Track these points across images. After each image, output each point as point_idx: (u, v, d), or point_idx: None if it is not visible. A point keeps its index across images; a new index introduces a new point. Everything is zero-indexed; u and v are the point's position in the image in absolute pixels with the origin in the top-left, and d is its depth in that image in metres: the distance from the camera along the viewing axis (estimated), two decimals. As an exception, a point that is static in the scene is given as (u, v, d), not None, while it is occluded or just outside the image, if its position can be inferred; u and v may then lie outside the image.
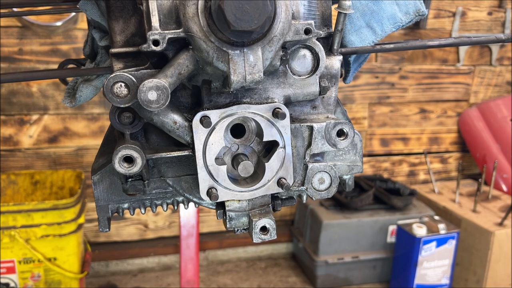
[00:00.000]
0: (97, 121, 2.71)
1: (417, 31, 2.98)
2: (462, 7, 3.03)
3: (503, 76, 3.28)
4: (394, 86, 3.11)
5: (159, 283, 2.91)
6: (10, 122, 2.59)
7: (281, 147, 0.69)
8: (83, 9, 0.70)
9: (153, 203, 0.77)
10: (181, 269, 2.04)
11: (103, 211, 0.74)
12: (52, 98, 2.60)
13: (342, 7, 0.67)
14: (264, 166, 0.69)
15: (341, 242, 2.84)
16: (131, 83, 0.62)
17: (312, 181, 0.72)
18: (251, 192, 0.70)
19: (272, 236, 0.72)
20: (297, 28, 0.64)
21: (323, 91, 0.70)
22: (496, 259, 2.66)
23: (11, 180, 2.48)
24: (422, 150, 3.28)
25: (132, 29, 0.66)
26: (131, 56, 0.65)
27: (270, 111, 0.67)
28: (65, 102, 0.87)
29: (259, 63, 0.61)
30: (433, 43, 0.79)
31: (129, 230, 2.97)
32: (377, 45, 0.76)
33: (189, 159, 0.70)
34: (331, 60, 0.71)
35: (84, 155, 2.74)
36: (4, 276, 2.19)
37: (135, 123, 0.67)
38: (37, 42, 2.51)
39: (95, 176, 0.72)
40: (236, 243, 3.13)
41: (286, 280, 3.00)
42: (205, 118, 0.65)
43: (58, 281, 2.26)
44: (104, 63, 0.83)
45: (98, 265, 2.93)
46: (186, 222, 2.01)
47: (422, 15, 0.77)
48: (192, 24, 0.59)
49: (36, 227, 2.14)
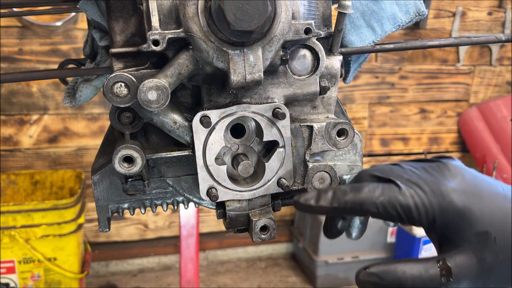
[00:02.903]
0: (97, 121, 2.70)
1: (417, 31, 2.98)
2: (462, 7, 3.03)
3: (503, 76, 3.28)
4: (394, 86, 3.11)
5: (159, 283, 2.91)
6: (10, 122, 2.59)
7: (281, 147, 0.69)
8: (83, 9, 0.70)
9: (153, 203, 0.77)
10: (181, 269, 2.04)
11: (103, 211, 0.74)
12: (52, 98, 2.60)
13: (342, 7, 0.67)
14: (264, 166, 0.69)
15: (341, 242, 2.83)
16: (131, 83, 0.62)
17: (312, 181, 0.72)
18: (251, 192, 0.70)
19: (272, 236, 0.72)
20: (297, 28, 0.64)
21: (323, 91, 0.70)
22: (496, 259, 2.66)
23: (11, 180, 2.48)
24: (422, 150, 3.28)
25: (132, 29, 0.66)
26: (131, 56, 0.65)
27: (270, 111, 0.67)
28: (65, 102, 0.87)
29: (259, 63, 0.61)
30: (433, 43, 0.79)
31: (129, 230, 2.97)
32: (377, 45, 0.76)
33: (189, 159, 0.70)
34: (331, 60, 0.71)
35: (84, 155, 2.74)
36: (4, 276, 2.19)
37: (135, 123, 0.67)
38: (37, 42, 2.51)
39: (95, 176, 0.72)
40: (236, 243, 3.13)
41: (286, 280, 3.00)
42: (205, 118, 0.65)
43: (58, 281, 2.26)
44: (104, 63, 0.83)
45: (98, 265, 2.93)
46: (186, 222, 2.01)
47: (422, 15, 0.77)
48: (192, 24, 0.59)
49: (36, 227, 2.13)
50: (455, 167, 0.58)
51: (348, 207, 0.56)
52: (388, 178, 0.57)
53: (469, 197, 0.54)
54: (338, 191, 0.57)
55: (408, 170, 0.58)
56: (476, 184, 0.56)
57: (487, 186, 0.56)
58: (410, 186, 0.55)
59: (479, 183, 0.56)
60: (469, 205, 0.54)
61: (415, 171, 0.58)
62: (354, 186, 0.57)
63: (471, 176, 0.57)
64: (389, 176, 0.57)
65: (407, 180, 0.56)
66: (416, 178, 0.56)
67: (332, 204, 0.57)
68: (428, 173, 0.57)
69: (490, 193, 0.55)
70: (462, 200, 0.54)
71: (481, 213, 0.53)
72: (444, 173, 0.57)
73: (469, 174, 0.58)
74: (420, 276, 0.53)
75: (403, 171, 0.58)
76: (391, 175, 0.57)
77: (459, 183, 0.56)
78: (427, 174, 0.57)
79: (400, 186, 0.55)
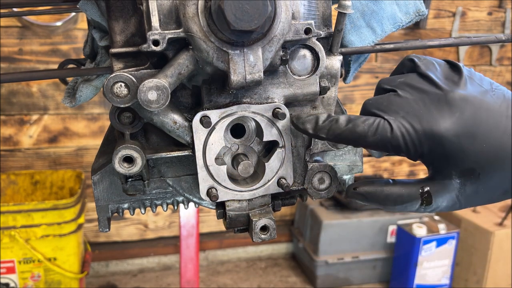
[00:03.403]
0: (97, 121, 2.71)
1: (417, 31, 2.98)
2: (462, 7, 3.03)
3: (503, 76, 3.28)
4: (394, 86, 3.10)
5: (159, 283, 2.91)
6: (10, 122, 2.59)
7: (281, 147, 0.69)
8: (83, 9, 0.70)
9: (153, 203, 0.77)
10: (181, 269, 2.04)
11: (103, 211, 0.74)
12: (52, 98, 2.60)
13: (342, 7, 0.67)
14: (264, 166, 0.69)
15: (341, 242, 2.84)
16: (131, 83, 0.62)
17: (312, 181, 0.72)
18: (251, 192, 0.70)
19: (272, 236, 0.72)
20: (297, 28, 0.64)
21: (323, 91, 0.70)
22: (496, 259, 2.66)
23: (11, 180, 2.48)
24: (422, 150, 3.28)
25: (132, 29, 0.66)
26: (131, 56, 0.65)
27: (270, 111, 0.67)
28: (65, 102, 0.87)
29: (259, 63, 0.61)
30: (433, 43, 0.79)
31: (129, 230, 2.97)
32: (377, 45, 0.76)
33: (189, 159, 0.70)
34: (331, 60, 0.71)
35: (84, 155, 2.74)
36: (4, 276, 2.19)
37: (135, 123, 0.67)
38: (37, 42, 2.51)
39: (95, 176, 0.72)
40: (236, 243, 3.13)
41: (286, 280, 3.00)
42: (205, 118, 0.65)
43: (58, 281, 2.26)
44: (104, 63, 0.83)
45: (98, 265, 2.93)
46: (186, 222, 2.01)
47: (422, 15, 0.77)
48: (192, 24, 0.59)
49: (36, 227, 2.14)
50: (456, 100, 0.57)
51: (343, 140, 0.61)
52: (383, 116, 0.60)
53: (461, 138, 0.56)
54: (334, 125, 0.61)
55: (405, 103, 0.59)
56: (475, 121, 0.56)
57: (486, 120, 0.56)
58: (403, 124, 0.58)
59: (478, 119, 0.56)
60: (460, 146, 0.56)
61: (413, 104, 0.59)
62: (350, 120, 0.60)
63: (471, 111, 0.57)
64: (385, 112, 0.60)
65: (402, 117, 0.58)
66: (411, 115, 0.58)
67: (327, 136, 0.61)
68: (426, 108, 0.58)
69: (487, 129, 0.56)
70: (453, 142, 0.56)
71: (470, 153, 0.56)
72: (442, 108, 0.57)
73: (470, 108, 0.57)
74: (401, 199, 0.60)
75: (399, 105, 0.60)
76: (387, 112, 0.60)
77: (455, 123, 0.56)
78: (425, 108, 0.58)
79: (392, 127, 0.58)
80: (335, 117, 0.61)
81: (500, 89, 0.60)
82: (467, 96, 0.58)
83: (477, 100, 0.58)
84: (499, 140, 0.56)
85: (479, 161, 0.56)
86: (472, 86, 0.59)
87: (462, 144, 0.56)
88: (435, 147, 0.57)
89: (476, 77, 0.61)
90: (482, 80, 0.61)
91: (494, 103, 0.58)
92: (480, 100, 0.58)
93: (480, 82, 0.60)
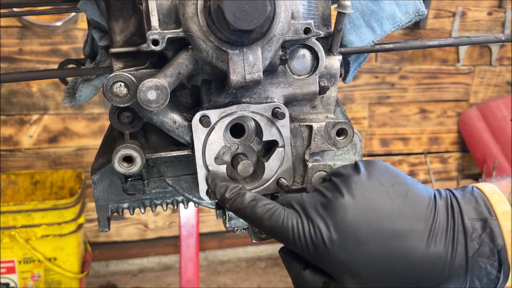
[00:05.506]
0: (97, 121, 2.71)
1: (417, 31, 2.98)
2: (462, 7, 3.03)
3: (503, 76, 3.28)
4: (394, 86, 3.11)
5: (159, 283, 2.91)
6: (10, 122, 2.59)
7: (281, 147, 0.69)
8: (83, 9, 0.70)
9: (152, 203, 0.77)
10: (181, 269, 2.04)
11: (103, 211, 0.74)
12: (52, 98, 2.60)
13: (341, 7, 0.67)
14: (263, 166, 0.69)
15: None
16: (131, 83, 0.62)
17: (312, 181, 0.72)
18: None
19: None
20: (296, 28, 0.64)
21: (322, 90, 0.70)
22: (496, 259, 2.65)
23: (11, 180, 2.48)
24: (422, 150, 3.29)
25: (131, 29, 0.66)
26: (130, 56, 0.65)
27: (269, 110, 0.67)
28: (65, 102, 0.87)
29: (259, 62, 0.61)
30: (433, 43, 0.79)
31: (129, 230, 2.97)
32: (377, 45, 0.76)
33: (189, 158, 0.70)
34: (330, 59, 0.71)
35: (84, 155, 2.74)
36: (4, 276, 2.19)
37: (135, 123, 0.67)
38: (37, 42, 2.51)
39: (95, 176, 0.72)
40: (236, 243, 3.13)
41: (286, 280, 3.00)
42: (204, 117, 0.65)
43: (58, 281, 2.26)
44: (104, 63, 0.83)
45: (98, 265, 2.93)
46: (186, 222, 2.01)
47: (421, 15, 0.77)
48: (191, 24, 0.59)
49: (36, 227, 2.14)
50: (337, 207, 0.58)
51: (243, 217, 0.62)
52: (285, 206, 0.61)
53: (345, 248, 0.57)
54: (240, 198, 0.62)
55: (304, 201, 0.61)
56: (356, 230, 0.57)
57: (367, 224, 0.57)
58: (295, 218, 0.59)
59: (360, 224, 0.57)
60: (344, 255, 0.57)
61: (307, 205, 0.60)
62: (255, 199, 0.61)
63: (352, 216, 0.57)
64: (290, 205, 0.61)
65: (295, 212, 0.60)
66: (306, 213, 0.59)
67: (230, 208, 0.63)
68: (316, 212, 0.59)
69: (373, 233, 0.57)
70: (337, 251, 0.57)
71: (355, 260, 0.57)
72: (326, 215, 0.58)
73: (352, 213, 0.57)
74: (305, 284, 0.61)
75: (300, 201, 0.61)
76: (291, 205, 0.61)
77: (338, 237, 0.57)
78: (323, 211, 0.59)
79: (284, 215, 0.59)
80: (243, 192, 0.62)
81: (404, 185, 0.59)
82: (347, 203, 0.58)
83: (362, 203, 0.58)
84: (383, 245, 0.56)
85: (362, 268, 0.57)
86: (361, 187, 0.59)
87: (346, 253, 0.57)
88: (320, 256, 0.58)
89: (375, 175, 0.60)
90: (382, 176, 0.60)
91: (387, 202, 0.58)
92: (367, 203, 0.58)
93: (379, 179, 0.60)
